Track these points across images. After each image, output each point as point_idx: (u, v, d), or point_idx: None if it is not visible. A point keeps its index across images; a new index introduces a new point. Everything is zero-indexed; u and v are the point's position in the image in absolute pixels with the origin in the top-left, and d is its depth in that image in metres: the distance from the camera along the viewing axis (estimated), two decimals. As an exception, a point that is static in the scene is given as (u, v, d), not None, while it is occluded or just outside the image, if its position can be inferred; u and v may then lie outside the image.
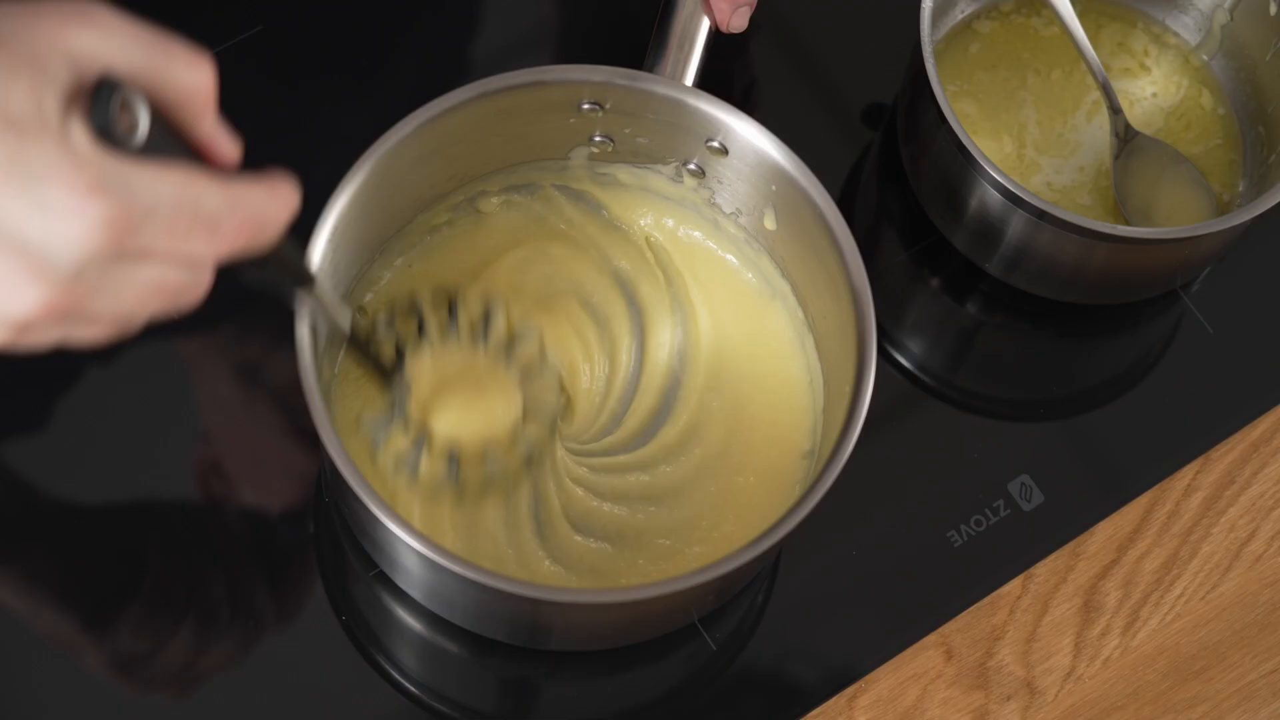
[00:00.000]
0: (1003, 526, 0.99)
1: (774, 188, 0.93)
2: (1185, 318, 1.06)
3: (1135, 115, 1.06)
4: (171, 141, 0.66)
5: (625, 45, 0.98)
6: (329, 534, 0.96)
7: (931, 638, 0.97)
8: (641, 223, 0.99)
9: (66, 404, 0.97)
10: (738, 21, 0.95)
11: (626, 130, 0.95)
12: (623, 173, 0.97)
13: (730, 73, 1.07)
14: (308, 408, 0.82)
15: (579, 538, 0.92)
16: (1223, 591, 1.00)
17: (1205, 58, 1.07)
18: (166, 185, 0.63)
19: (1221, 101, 1.07)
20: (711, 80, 0.95)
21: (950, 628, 0.98)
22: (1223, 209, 1.04)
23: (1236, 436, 1.03)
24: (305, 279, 0.82)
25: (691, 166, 0.96)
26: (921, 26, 0.97)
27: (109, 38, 0.62)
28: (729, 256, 0.98)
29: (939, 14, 1.04)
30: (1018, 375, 1.05)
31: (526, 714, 0.96)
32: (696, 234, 0.99)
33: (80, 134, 0.61)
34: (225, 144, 0.68)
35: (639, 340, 0.97)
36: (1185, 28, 1.07)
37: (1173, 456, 1.02)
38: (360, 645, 0.94)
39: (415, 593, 0.92)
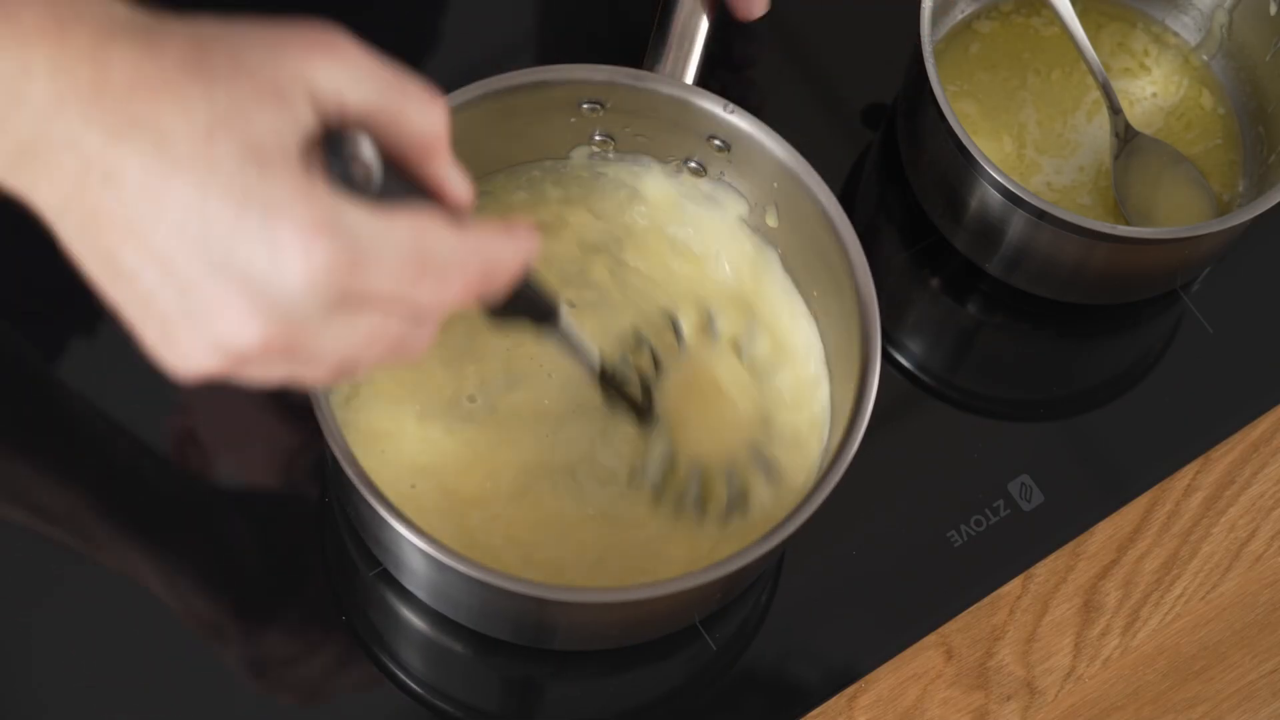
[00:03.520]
0: (1003, 526, 0.99)
1: (775, 185, 0.93)
2: (1185, 318, 1.06)
3: (1135, 115, 1.06)
4: (403, 183, 0.64)
5: (622, 45, 0.98)
6: (331, 532, 0.96)
7: (931, 638, 0.97)
8: (642, 220, 0.99)
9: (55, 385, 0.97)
10: (755, 7, 0.95)
11: (627, 129, 0.95)
12: (623, 171, 0.97)
13: (731, 73, 1.06)
14: (312, 405, 0.82)
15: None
16: (1223, 591, 1.00)
17: (1205, 58, 1.07)
18: (396, 231, 0.61)
19: (1221, 101, 1.07)
20: (712, 80, 0.95)
21: (950, 628, 0.98)
22: (1223, 209, 1.04)
23: (1236, 436, 1.03)
24: (547, 317, 0.79)
25: (692, 164, 0.96)
26: (921, 26, 0.97)
27: (349, 73, 0.61)
28: (730, 253, 0.98)
29: (939, 14, 1.04)
30: (1018, 375, 1.05)
31: (530, 713, 0.96)
32: (697, 231, 0.99)
33: (317, 173, 0.60)
34: (457, 185, 0.66)
35: (641, 338, 0.97)
36: (1185, 28, 1.07)
37: (1173, 456, 1.02)
38: (363, 644, 0.94)
39: (419, 591, 0.92)
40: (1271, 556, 1.01)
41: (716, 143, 0.93)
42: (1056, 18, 1.02)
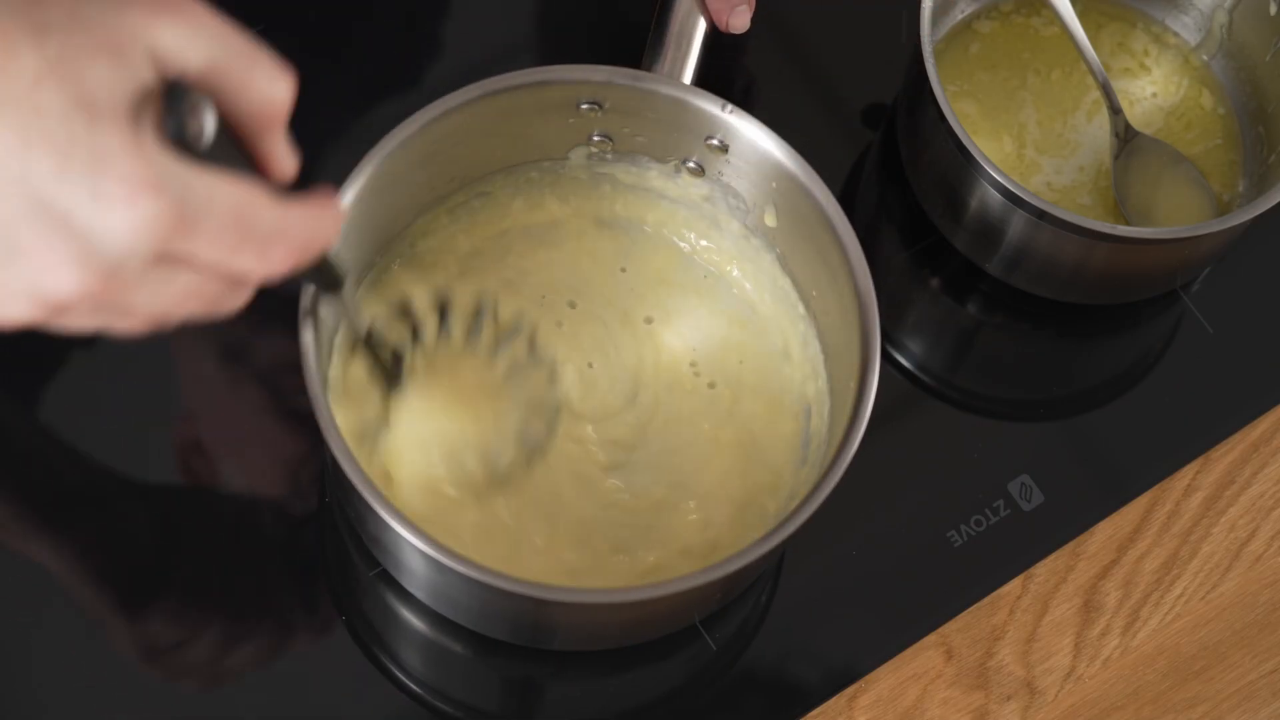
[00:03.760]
0: (1003, 526, 0.99)
1: (774, 185, 0.93)
2: (1185, 318, 1.06)
3: (1135, 115, 1.06)
4: (231, 149, 0.64)
5: (621, 45, 0.98)
6: (331, 533, 0.96)
7: (931, 638, 0.97)
8: (640, 221, 0.99)
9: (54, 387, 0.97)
10: (737, 21, 0.95)
11: (625, 129, 0.95)
12: (622, 171, 0.97)
13: (730, 72, 1.07)
14: (311, 406, 0.82)
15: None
16: (1223, 591, 1.00)
17: (1205, 58, 1.07)
18: (224, 196, 0.62)
19: (1221, 101, 1.07)
20: (711, 80, 0.95)
21: (950, 628, 0.98)
22: (1223, 209, 1.04)
23: (1236, 436, 1.03)
24: (336, 284, 0.81)
25: (691, 165, 0.96)
26: (921, 26, 0.97)
27: (195, 35, 0.62)
28: (728, 253, 0.98)
29: (939, 14, 1.04)
30: (1018, 375, 1.05)
31: (530, 714, 0.96)
32: (696, 232, 0.99)
33: (148, 129, 0.60)
34: (286, 159, 0.67)
35: (641, 338, 0.97)
36: (1185, 28, 1.07)
37: (1173, 456, 1.02)
38: (363, 645, 0.94)
39: (419, 592, 0.92)
40: (1271, 556, 1.01)
41: (715, 143, 0.93)
42: (1056, 18, 1.02)
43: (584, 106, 0.93)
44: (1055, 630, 0.98)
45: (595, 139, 0.95)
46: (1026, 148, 1.05)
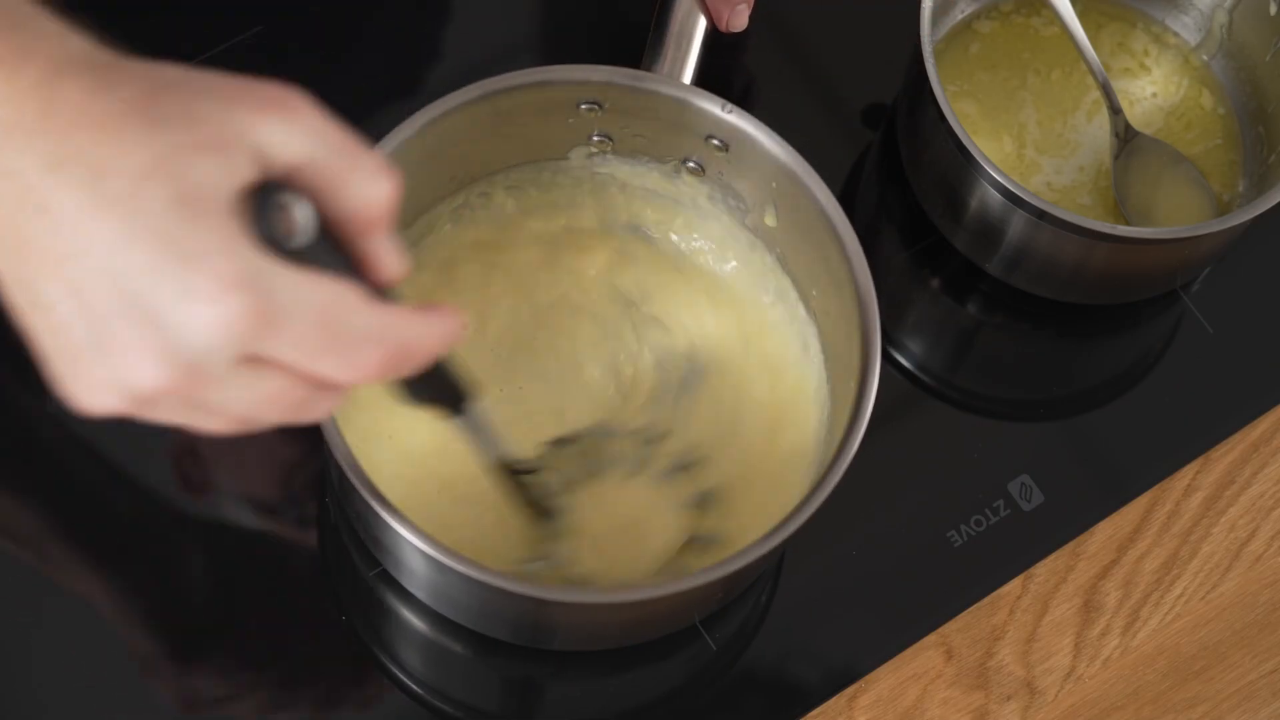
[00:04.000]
0: (1003, 526, 0.99)
1: (774, 184, 0.93)
2: (1185, 318, 1.06)
3: (1135, 115, 1.06)
4: (333, 251, 0.63)
5: (621, 45, 0.98)
6: (331, 533, 0.96)
7: (931, 638, 0.97)
8: (641, 220, 0.99)
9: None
10: (737, 20, 0.95)
11: (625, 129, 0.95)
12: (622, 171, 0.97)
13: (730, 72, 1.07)
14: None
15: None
16: (1223, 591, 1.00)
17: (1205, 58, 1.07)
18: (313, 296, 0.61)
19: (1221, 101, 1.07)
20: (711, 80, 0.95)
21: (950, 628, 0.98)
22: (1223, 209, 1.04)
23: (1236, 436, 1.03)
24: (457, 406, 0.77)
25: (691, 164, 0.96)
26: (921, 26, 0.97)
27: (299, 133, 0.61)
28: (729, 253, 0.98)
29: (939, 14, 1.04)
30: (1018, 375, 1.05)
31: (530, 714, 0.96)
32: (696, 231, 0.99)
33: (241, 225, 0.59)
34: (389, 262, 0.65)
35: (640, 340, 0.97)
36: (1185, 28, 1.07)
37: (1173, 456, 1.02)
38: (363, 644, 0.94)
39: (419, 592, 0.92)
40: (1271, 556, 1.01)
41: (715, 142, 0.93)
42: (1056, 18, 1.02)
43: (584, 106, 0.93)
44: (1055, 630, 0.98)
45: (595, 139, 0.95)
46: (1026, 148, 1.05)
